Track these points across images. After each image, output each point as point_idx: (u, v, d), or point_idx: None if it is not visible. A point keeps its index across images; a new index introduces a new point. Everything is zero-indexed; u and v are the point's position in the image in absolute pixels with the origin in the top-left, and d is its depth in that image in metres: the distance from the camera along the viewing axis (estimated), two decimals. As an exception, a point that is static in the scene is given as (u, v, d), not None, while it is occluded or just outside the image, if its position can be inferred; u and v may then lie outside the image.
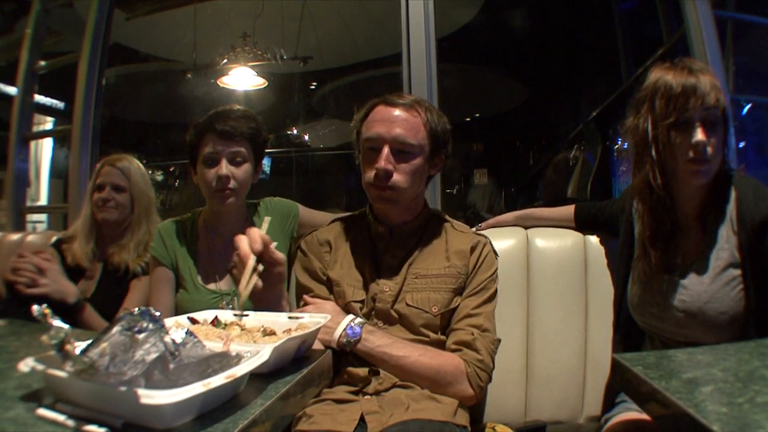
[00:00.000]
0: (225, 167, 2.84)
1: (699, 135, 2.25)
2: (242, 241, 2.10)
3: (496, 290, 2.70)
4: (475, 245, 2.71)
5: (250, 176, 2.97)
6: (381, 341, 2.44)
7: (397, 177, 2.56)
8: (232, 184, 2.85)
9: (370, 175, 2.60)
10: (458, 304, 2.62)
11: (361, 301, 2.64)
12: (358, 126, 2.73)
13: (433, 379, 2.42)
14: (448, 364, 2.44)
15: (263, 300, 2.16)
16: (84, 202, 3.60)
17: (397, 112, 2.60)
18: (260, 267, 2.09)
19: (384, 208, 2.70)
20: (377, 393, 2.44)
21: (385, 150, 2.55)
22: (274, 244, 2.16)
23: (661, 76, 2.34)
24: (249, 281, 2.03)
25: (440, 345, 2.56)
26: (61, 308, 2.95)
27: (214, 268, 2.99)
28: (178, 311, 2.85)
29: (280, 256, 2.17)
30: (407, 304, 2.59)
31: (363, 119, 2.70)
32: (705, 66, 2.35)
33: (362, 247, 2.77)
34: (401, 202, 2.64)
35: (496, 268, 2.73)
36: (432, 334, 2.57)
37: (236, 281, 2.07)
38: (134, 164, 3.55)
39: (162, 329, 1.21)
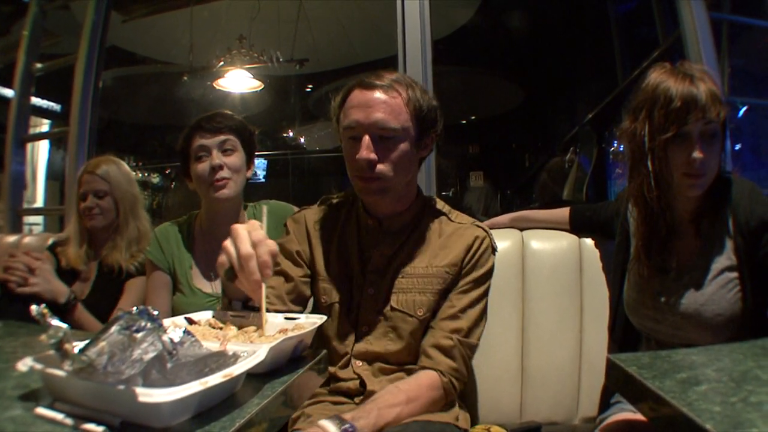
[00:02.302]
0: (216, 156, 2.88)
1: (697, 151, 2.24)
2: (231, 248, 1.84)
3: (487, 288, 2.56)
4: (471, 242, 2.53)
5: (243, 166, 3.01)
6: (371, 421, 2.16)
7: (381, 166, 2.37)
8: (225, 172, 2.88)
9: (353, 166, 2.43)
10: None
11: (347, 304, 2.54)
12: (337, 113, 2.52)
13: (422, 414, 2.30)
14: (429, 398, 2.31)
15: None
16: (72, 209, 3.62)
17: (375, 94, 2.39)
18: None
19: (373, 200, 2.53)
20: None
21: (366, 138, 2.36)
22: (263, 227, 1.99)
23: (661, 81, 2.31)
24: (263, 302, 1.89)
25: None
26: (54, 308, 2.96)
27: (210, 271, 3.00)
28: (174, 314, 2.85)
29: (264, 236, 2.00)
30: (393, 308, 2.48)
31: (341, 106, 2.50)
32: (706, 73, 2.32)
33: (350, 241, 2.62)
34: (391, 191, 2.45)
35: (492, 266, 2.58)
36: (418, 341, 2.48)
37: (235, 290, 1.94)
38: (113, 167, 3.55)
39: (160, 328, 1.21)
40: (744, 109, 6.57)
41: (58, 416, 1.16)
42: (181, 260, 3.00)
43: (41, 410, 1.19)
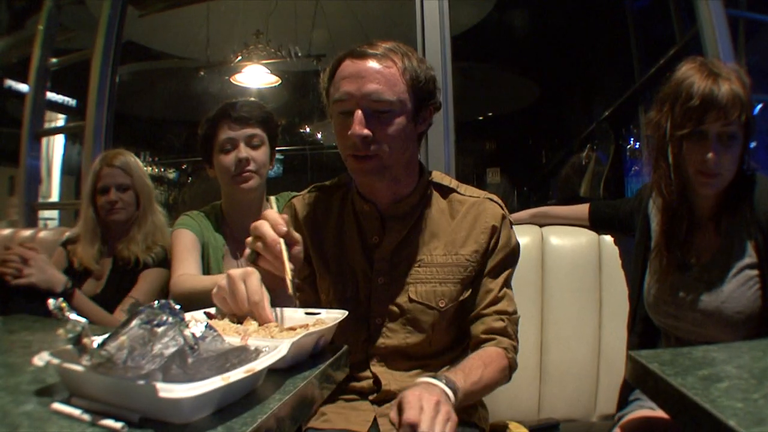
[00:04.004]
0: (243, 150, 2.87)
1: (710, 152, 2.23)
2: (264, 226, 1.91)
3: (515, 264, 2.45)
4: (491, 225, 2.34)
5: (268, 159, 3.01)
6: (461, 377, 2.06)
7: (376, 144, 2.17)
8: (252, 165, 2.88)
9: (344, 144, 2.22)
10: (468, 295, 2.35)
11: (354, 298, 2.38)
12: (327, 86, 2.31)
13: (496, 385, 2.25)
14: (500, 364, 2.23)
15: (278, 285, 2.04)
16: (83, 204, 3.57)
17: (368, 64, 2.18)
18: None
19: (368, 182, 2.33)
20: (385, 400, 2.30)
21: (358, 113, 2.14)
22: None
23: (687, 76, 2.29)
24: (289, 265, 1.91)
25: (448, 341, 2.42)
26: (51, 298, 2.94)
27: (239, 266, 2.97)
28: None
29: (298, 236, 2.00)
30: (411, 299, 2.31)
31: (330, 78, 2.28)
32: (735, 72, 2.29)
33: (349, 230, 2.44)
34: (388, 172, 2.24)
35: (516, 240, 2.44)
36: (440, 332, 2.37)
37: (265, 271, 1.96)
38: (131, 158, 3.54)
39: (182, 322, 1.20)
40: (759, 106, 6.55)
41: (75, 412, 1.15)
42: (215, 246, 2.99)
43: (58, 405, 1.17)
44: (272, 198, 2.28)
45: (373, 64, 2.18)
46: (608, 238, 3.19)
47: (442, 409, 1.77)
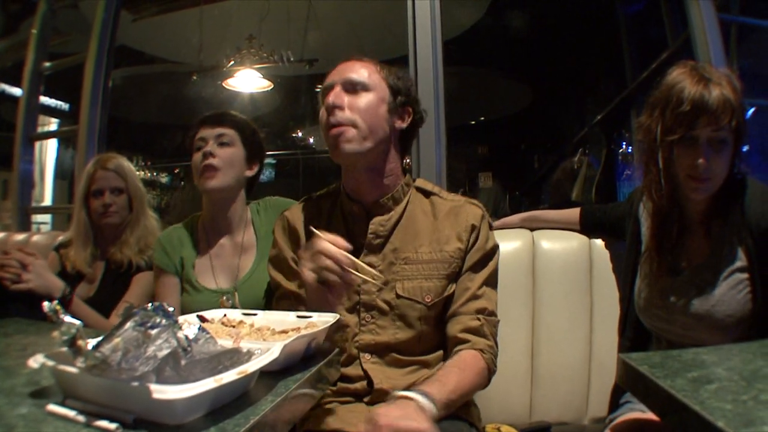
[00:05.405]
0: (210, 146, 2.89)
1: (701, 157, 2.24)
2: (328, 244, 2.08)
3: (497, 264, 2.54)
4: (471, 224, 2.48)
5: (239, 162, 3.00)
6: (435, 388, 2.08)
7: (348, 112, 2.38)
8: (215, 160, 2.88)
9: (323, 124, 2.44)
10: (453, 290, 2.46)
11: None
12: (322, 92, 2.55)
13: (475, 389, 2.30)
14: (477, 367, 2.28)
15: (326, 300, 2.12)
16: (76, 207, 3.57)
17: (352, 61, 2.54)
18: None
19: (348, 160, 2.45)
20: (379, 400, 2.29)
21: (336, 88, 2.43)
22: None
23: (678, 81, 2.29)
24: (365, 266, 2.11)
25: (437, 338, 2.48)
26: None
27: (213, 268, 3.01)
28: (182, 314, 2.85)
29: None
30: (398, 295, 2.42)
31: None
32: (726, 77, 2.29)
33: (337, 232, 2.35)
34: (360, 149, 2.38)
35: (495, 242, 2.55)
36: (429, 328, 2.44)
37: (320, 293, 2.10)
38: (125, 162, 3.57)
39: (175, 325, 1.21)
40: (752, 110, 6.56)
41: (70, 413, 1.16)
42: (188, 260, 2.98)
43: (52, 407, 1.18)
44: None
45: (355, 61, 2.53)
46: (599, 242, 3.18)
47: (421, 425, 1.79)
